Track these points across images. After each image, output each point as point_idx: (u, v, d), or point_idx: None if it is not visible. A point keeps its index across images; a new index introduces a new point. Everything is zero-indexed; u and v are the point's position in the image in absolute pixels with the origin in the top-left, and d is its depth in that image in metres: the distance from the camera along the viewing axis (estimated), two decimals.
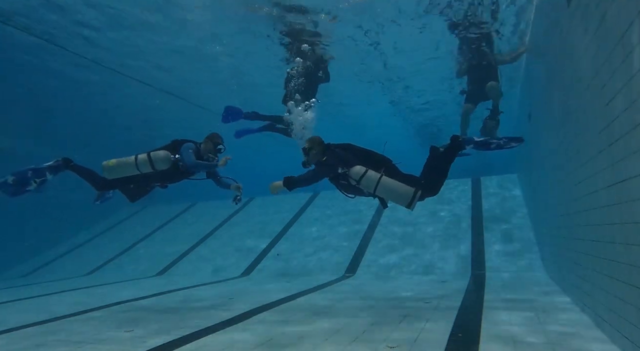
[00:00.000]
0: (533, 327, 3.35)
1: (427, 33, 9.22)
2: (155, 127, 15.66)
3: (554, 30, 4.29)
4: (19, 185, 4.60)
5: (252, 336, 3.49)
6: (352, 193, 4.61)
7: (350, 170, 4.32)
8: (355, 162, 4.35)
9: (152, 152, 4.80)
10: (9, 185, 4.57)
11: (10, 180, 4.56)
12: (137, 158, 4.74)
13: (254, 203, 13.79)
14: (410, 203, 4.21)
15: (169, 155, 4.78)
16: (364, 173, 4.24)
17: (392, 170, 4.38)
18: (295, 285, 6.71)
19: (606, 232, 2.78)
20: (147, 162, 4.73)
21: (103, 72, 10.89)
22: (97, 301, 6.03)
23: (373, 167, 4.31)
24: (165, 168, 4.80)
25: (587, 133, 3.07)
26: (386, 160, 4.48)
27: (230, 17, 8.72)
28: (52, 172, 4.76)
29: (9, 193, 4.62)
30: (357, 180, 4.28)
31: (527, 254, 7.09)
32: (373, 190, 4.28)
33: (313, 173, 4.42)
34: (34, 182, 4.64)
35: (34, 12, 8.16)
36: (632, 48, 2.07)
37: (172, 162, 4.79)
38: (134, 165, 4.74)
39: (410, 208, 4.26)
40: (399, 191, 4.21)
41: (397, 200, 4.28)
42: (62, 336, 3.92)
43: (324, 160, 4.42)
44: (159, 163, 4.75)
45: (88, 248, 13.02)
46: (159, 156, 4.76)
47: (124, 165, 4.77)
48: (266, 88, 12.14)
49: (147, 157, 4.73)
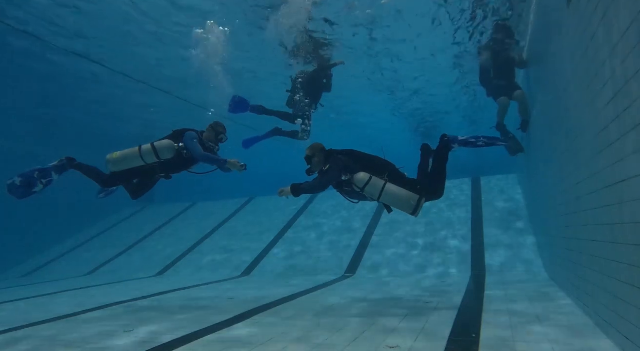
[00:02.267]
0: (532, 327, 3.35)
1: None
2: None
3: (553, 30, 4.29)
4: (26, 187, 4.63)
5: (252, 336, 3.49)
6: (356, 198, 4.57)
7: (354, 177, 4.28)
8: (358, 168, 4.31)
9: (156, 142, 4.82)
10: (17, 187, 4.60)
11: (18, 182, 4.59)
12: (141, 149, 4.75)
13: (254, 203, 13.81)
14: (415, 211, 4.21)
15: (172, 144, 4.79)
16: (368, 181, 4.21)
17: (396, 175, 4.35)
18: (295, 285, 6.71)
19: (606, 232, 2.78)
20: (152, 152, 4.74)
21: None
22: (97, 301, 6.03)
23: (376, 173, 4.29)
24: (170, 157, 4.80)
25: (586, 133, 3.07)
26: (389, 165, 4.44)
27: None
28: (57, 172, 4.78)
29: (18, 195, 4.65)
30: (361, 188, 4.25)
31: (527, 254, 7.09)
32: (377, 198, 4.26)
33: (318, 181, 4.36)
34: (41, 183, 4.67)
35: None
36: (632, 48, 2.07)
37: (177, 150, 4.79)
38: (138, 156, 4.75)
39: (415, 215, 4.27)
40: (403, 199, 4.20)
41: (401, 208, 4.27)
42: (62, 336, 3.92)
43: (327, 168, 4.37)
44: (163, 152, 4.76)
45: (88, 248, 13.02)
46: (163, 145, 4.78)
47: (128, 156, 4.77)
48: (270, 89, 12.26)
49: (151, 147, 4.74)
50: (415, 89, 13.84)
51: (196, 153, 4.73)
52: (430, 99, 14.95)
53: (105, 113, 14.37)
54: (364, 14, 8.80)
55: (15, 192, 4.63)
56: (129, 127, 15.68)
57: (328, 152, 4.54)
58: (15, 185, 4.59)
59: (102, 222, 14.97)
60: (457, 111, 16.47)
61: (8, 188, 4.60)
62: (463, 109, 16.25)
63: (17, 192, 4.62)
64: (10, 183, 4.59)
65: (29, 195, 4.68)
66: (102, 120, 15.01)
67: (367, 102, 15.09)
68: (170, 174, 5.04)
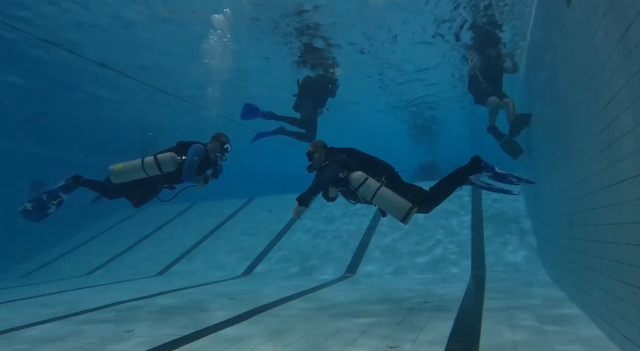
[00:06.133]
0: (532, 327, 3.35)
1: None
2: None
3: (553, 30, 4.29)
4: (40, 210, 4.77)
5: (252, 337, 3.49)
6: (353, 199, 4.53)
7: (350, 175, 4.23)
8: (356, 167, 4.27)
9: (159, 154, 4.80)
10: (30, 212, 4.73)
11: (30, 207, 4.72)
12: (143, 161, 4.76)
13: (254, 203, 13.81)
14: (405, 218, 4.12)
15: (175, 157, 4.79)
16: (363, 181, 4.16)
17: (394, 179, 4.30)
18: (295, 285, 6.71)
19: (606, 232, 2.78)
20: (154, 165, 4.74)
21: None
22: (97, 302, 6.03)
23: (374, 174, 4.23)
24: (172, 170, 4.80)
25: (587, 133, 3.07)
26: (389, 167, 4.40)
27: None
28: (65, 192, 4.89)
29: (35, 219, 4.81)
30: (355, 188, 4.20)
31: (527, 254, 7.09)
32: (370, 199, 4.19)
33: (318, 181, 4.32)
34: (52, 204, 4.80)
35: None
36: (632, 48, 2.07)
37: (179, 163, 4.79)
38: (140, 168, 4.75)
39: (404, 223, 4.17)
40: (395, 205, 4.12)
41: (392, 213, 4.20)
42: (62, 336, 3.92)
43: (326, 164, 4.36)
44: (166, 165, 4.76)
45: (88, 248, 13.03)
46: (166, 158, 4.77)
47: (131, 168, 4.79)
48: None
49: (153, 160, 4.74)
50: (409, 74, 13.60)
51: (185, 172, 4.76)
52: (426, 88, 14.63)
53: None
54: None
55: (31, 217, 4.77)
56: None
57: (329, 149, 4.55)
58: (28, 211, 4.72)
59: (102, 222, 14.98)
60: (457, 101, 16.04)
61: (22, 214, 4.72)
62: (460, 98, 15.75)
63: (33, 216, 4.77)
64: (23, 209, 4.72)
65: (45, 217, 4.84)
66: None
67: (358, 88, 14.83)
68: (174, 185, 5.07)
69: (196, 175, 4.87)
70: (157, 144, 8.14)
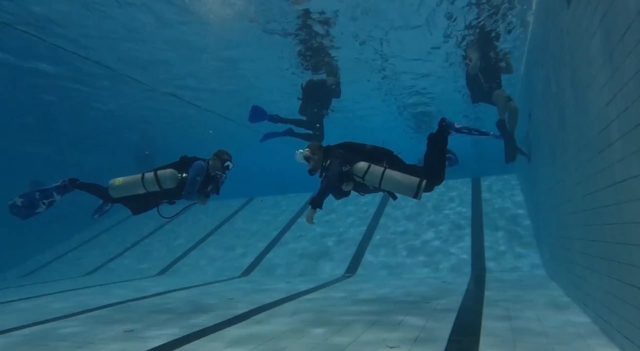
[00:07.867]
0: (532, 327, 3.35)
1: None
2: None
3: (553, 30, 4.29)
4: (29, 208, 4.66)
5: (252, 337, 3.49)
6: (362, 191, 4.63)
7: (353, 167, 4.34)
8: (357, 159, 4.37)
9: (159, 171, 4.75)
10: (19, 208, 4.63)
11: (19, 202, 4.63)
12: (143, 177, 4.72)
13: (254, 203, 13.81)
14: (417, 193, 4.20)
15: (175, 174, 4.73)
16: (367, 169, 4.26)
17: (394, 162, 4.40)
18: (294, 285, 6.71)
19: (606, 232, 2.78)
20: (154, 181, 4.70)
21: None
22: (97, 302, 6.03)
23: (376, 161, 4.34)
24: (172, 186, 4.75)
25: (587, 133, 3.07)
26: (387, 152, 4.49)
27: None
28: (59, 192, 4.81)
29: (21, 216, 4.69)
30: (361, 177, 4.31)
31: (527, 253, 7.09)
32: (378, 185, 4.29)
33: (326, 182, 4.37)
34: (43, 204, 4.70)
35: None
36: (632, 48, 2.07)
37: (180, 180, 4.73)
38: (140, 184, 4.72)
39: (417, 198, 4.25)
40: (404, 183, 4.21)
41: (403, 192, 4.28)
42: (62, 336, 3.92)
43: (328, 164, 4.43)
44: (166, 182, 4.72)
45: (87, 249, 13.03)
46: (166, 175, 4.72)
47: (130, 183, 4.76)
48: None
49: (153, 176, 4.70)
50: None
51: (186, 191, 4.70)
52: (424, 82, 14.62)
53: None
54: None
55: (18, 213, 4.65)
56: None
57: (326, 148, 4.62)
58: (16, 206, 4.62)
59: (102, 222, 14.97)
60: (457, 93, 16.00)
61: (10, 208, 4.61)
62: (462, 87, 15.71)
63: (20, 212, 4.65)
64: (12, 204, 4.61)
65: (32, 215, 4.71)
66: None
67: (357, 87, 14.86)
68: (174, 201, 5.03)
69: (197, 194, 4.85)
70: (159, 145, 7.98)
